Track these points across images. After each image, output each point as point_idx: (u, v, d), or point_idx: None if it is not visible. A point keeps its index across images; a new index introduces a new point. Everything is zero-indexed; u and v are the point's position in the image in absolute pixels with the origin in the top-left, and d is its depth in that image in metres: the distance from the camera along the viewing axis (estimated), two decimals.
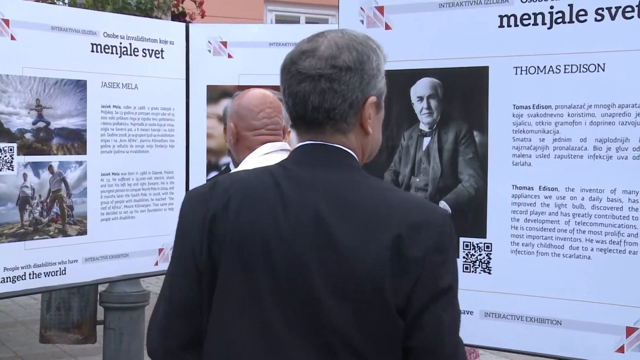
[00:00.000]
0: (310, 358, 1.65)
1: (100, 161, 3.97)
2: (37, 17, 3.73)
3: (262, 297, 1.68)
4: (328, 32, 1.79)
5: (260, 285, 1.68)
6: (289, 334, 1.66)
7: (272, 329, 1.67)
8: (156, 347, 1.84)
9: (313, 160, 1.76)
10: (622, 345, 2.58)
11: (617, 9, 2.55)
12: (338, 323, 1.63)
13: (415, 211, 1.69)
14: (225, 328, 1.73)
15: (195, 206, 1.80)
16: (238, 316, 1.71)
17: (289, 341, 1.66)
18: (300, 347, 1.65)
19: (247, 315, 1.70)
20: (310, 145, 1.77)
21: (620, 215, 2.58)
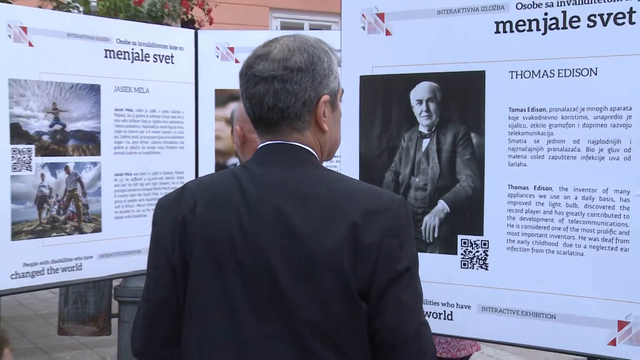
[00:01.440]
0: (279, 346, 1.67)
1: (114, 162, 3.99)
2: (53, 24, 3.75)
3: (231, 290, 1.71)
4: (281, 37, 1.83)
5: (228, 279, 1.71)
6: (258, 324, 1.68)
7: (241, 320, 1.70)
8: (140, 347, 1.87)
9: (272, 159, 1.79)
10: (614, 338, 2.57)
11: (609, 16, 2.54)
12: (304, 310, 1.65)
13: (369, 199, 1.72)
14: (198, 323, 1.76)
15: (167, 212, 1.83)
16: (210, 310, 1.74)
17: (257, 331, 1.69)
18: (269, 336, 1.68)
19: (217, 309, 1.72)
20: (269, 145, 1.81)
21: (612, 213, 2.58)
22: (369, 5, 2.99)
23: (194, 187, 1.84)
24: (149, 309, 1.84)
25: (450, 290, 2.84)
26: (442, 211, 2.88)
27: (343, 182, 1.79)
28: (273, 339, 1.68)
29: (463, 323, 2.84)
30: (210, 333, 1.75)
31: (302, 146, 1.80)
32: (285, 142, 1.80)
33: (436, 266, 2.84)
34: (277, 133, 1.80)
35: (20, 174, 3.58)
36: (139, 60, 4.07)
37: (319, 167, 1.81)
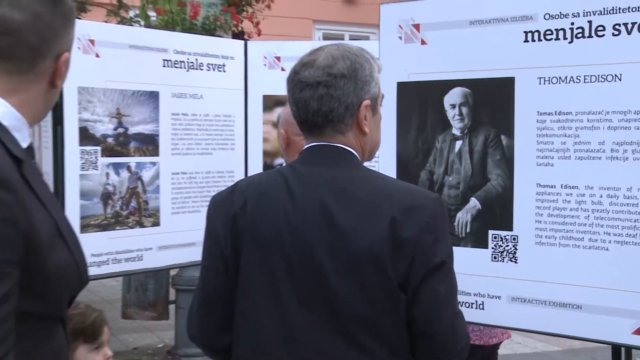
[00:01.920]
0: (324, 334, 1.67)
1: (171, 162, 4.03)
2: (118, 37, 3.81)
3: (278, 281, 1.71)
4: (326, 46, 1.83)
5: (276, 271, 1.72)
6: (303, 313, 1.69)
7: (288, 310, 1.70)
8: (195, 332, 1.88)
9: (316, 159, 1.79)
10: (638, 328, 2.54)
11: (633, 25, 2.52)
12: (346, 300, 1.65)
13: (407, 197, 1.71)
14: (248, 311, 1.77)
15: (219, 209, 1.84)
16: (258, 300, 1.74)
17: (303, 320, 1.69)
18: (315, 325, 1.68)
19: (266, 298, 1.73)
20: (314, 146, 1.81)
21: (636, 211, 2.55)
22: (405, 16, 2.99)
23: (244, 186, 1.85)
24: (203, 297, 1.85)
25: (482, 282, 2.83)
26: (474, 208, 2.86)
27: (382, 181, 1.79)
28: (318, 327, 1.68)
29: (493, 312, 2.82)
30: (259, 322, 1.75)
31: (345, 147, 1.79)
32: (329, 143, 1.79)
33: (468, 259, 2.82)
34: (321, 135, 1.79)
35: (87, 173, 3.64)
36: (194, 69, 4.10)
37: (360, 167, 1.80)
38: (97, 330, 2.38)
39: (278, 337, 1.72)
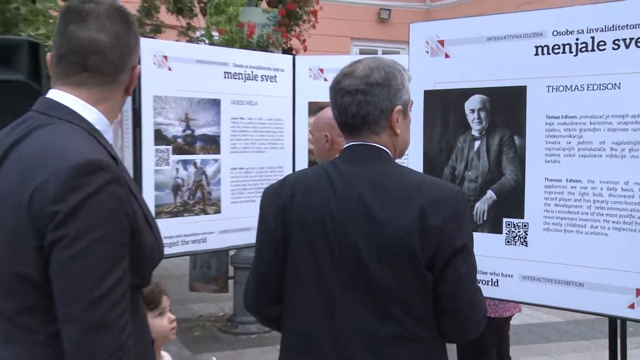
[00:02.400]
0: (362, 310, 1.67)
1: (230, 159, 4.07)
2: (186, 53, 3.87)
3: (321, 263, 1.71)
4: (364, 59, 1.83)
5: (320, 255, 1.71)
6: (343, 289, 1.68)
7: (330, 288, 1.70)
8: (251, 303, 1.89)
9: (355, 156, 1.78)
10: (633, 302, 2.53)
11: (631, 40, 2.50)
12: (381, 280, 1.65)
13: (434, 190, 1.70)
14: (296, 290, 1.77)
15: (271, 199, 1.83)
16: (305, 279, 1.74)
17: (344, 297, 1.69)
18: (354, 301, 1.68)
19: (311, 278, 1.73)
20: (353, 145, 1.80)
21: (632, 201, 2.53)
22: (431, 34, 2.99)
23: (292, 180, 1.85)
24: (257, 275, 1.85)
25: (496, 263, 2.82)
26: (490, 199, 2.85)
27: (412, 176, 1.78)
28: (357, 303, 1.68)
29: (506, 289, 2.82)
30: (305, 298, 1.75)
31: (379, 146, 1.78)
32: (366, 143, 1.78)
33: (485, 243, 2.80)
34: (359, 135, 1.79)
35: (161, 168, 3.70)
36: (250, 80, 4.14)
37: (392, 163, 1.79)
38: (157, 298, 2.39)
39: (322, 311, 1.71)
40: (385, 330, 1.66)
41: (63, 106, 1.50)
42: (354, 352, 1.68)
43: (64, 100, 1.51)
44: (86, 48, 1.50)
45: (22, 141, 1.45)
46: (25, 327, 1.43)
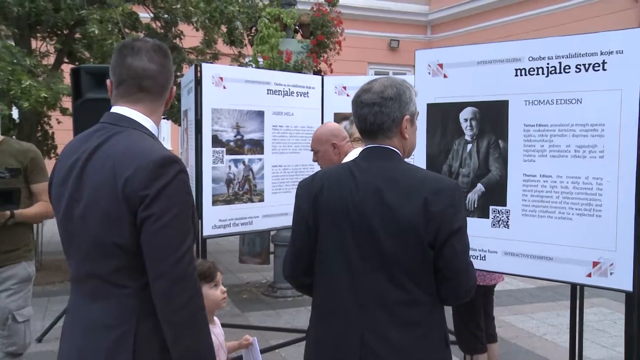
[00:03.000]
0: (377, 278, 1.68)
1: (272, 158, 4.14)
2: (237, 74, 3.90)
3: (345, 242, 1.71)
4: (379, 78, 1.84)
5: (344, 234, 1.72)
6: (361, 261, 1.69)
7: (352, 260, 1.70)
8: (288, 273, 1.88)
9: (372, 156, 1.78)
10: (590, 272, 2.58)
11: (589, 65, 2.53)
12: (393, 253, 1.66)
13: (435, 182, 1.69)
14: (325, 262, 1.77)
15: (304, 190, 1.83)
16: (331, 254, 1.74)
17: (363, 267, 1.69)
18: (371, 270, 1.68)
19: (336, 253, 1.73)
20: (370, 147, 1.80)
21: (591, 193, 2.57)
22: (432, 59, 3.01)
23: (321, 175, 1.83)
24: (293, 251, 1.85)
25: (484, 241, 2.84)
26: (480, 190, 2.87)
27: (418, 171, 1.76)
28: (373, 271, 1.68)
29: (492, 262, 2.85)
30: (331, 268, 1.74)
31: (391, 148, 1.78)
32: (381, 145, 1.78)
33: (475, 226, 2.82)
34: (375, 139, 1.78)
35: (216, 166, 3.79)
36: (287, 95, 4.16)
37: (402, 161, 1.79)
38: (213, 274, 2.38)
39: (345, 278, 1.71)
40: (395, 294, 1.66)
41: (128, 118, 1.62)
42: (370, 310, 1.67)
43: (127, 113, 1.63)
44: (141, 74, 1.63)
45: (104, 144, 1.56)
46: (118, 284, 1.53)
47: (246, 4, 7.30)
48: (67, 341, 1.63)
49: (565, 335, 4.17)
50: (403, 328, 1.66)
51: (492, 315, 3.49)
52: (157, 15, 7.19)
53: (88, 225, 1.54)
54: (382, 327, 1.66)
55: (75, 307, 1.63)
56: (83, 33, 6.26)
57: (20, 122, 6.76)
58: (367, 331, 1.67)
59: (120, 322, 1.52)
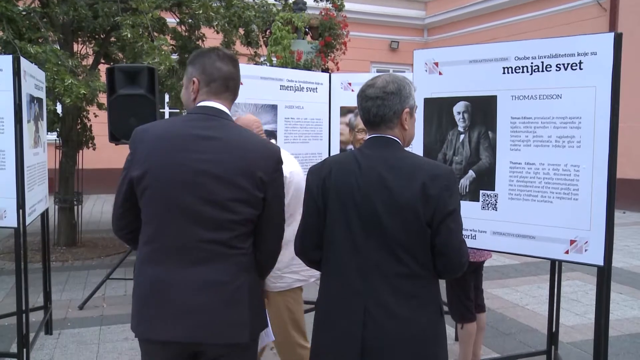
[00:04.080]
0: (378, 252, 1.68)
1: (284, 148, 3.85)
2: (253, 72, 3.84)
3: (350, 220, 1.71)
4: (382, 74, 1.83)
5: (350, 214, 1.71)
6: (366, 239, 1.69)
7: (356, 236, 1.71)
8: (299, 249, 1.88)
9: (375, 144, 1.78)
10: (567, 249, 2.59)
11: (568, 65, 2.53)
12: (392, 230, 1.66)
13: (432, 168, 1.69)
14: (331, 238, 1.77)
15: (314, 175, 1.82)
16: (338, 231, 1.74)
17: (366, 243, 1.70)
18: (373, 246, 1.69)
19: (343, 230, 1.73)
20: (374, 137, 1.79)
21: (569, 178, 2.58)
22: (429, 58, 3.00)
23: (330, 161, 1.84)
24: (304, 228, 1.85)
25: (475, 222, 2.85)
26: (471, 176, 2.87)
27: (416, 159, 1.76)
28: (376, 247, 1.68)
29: (482, 241, 2.87)
30: (338, 243, 1.74)
31: (393, 138, 1.77)
32: (383, 135, 1.77)
33: (467, 208, 2.71)
34: (378, 130, 1.78)
35: None
36: (298, 91, 4.11)
37: (402, 149, 1.79)
38: None
39: (350, 251, 1.71)
40: (394, 267, 1.66)
41: (223, 112, 1.77)
42: (372, 281, 1.68)
43: (221, 107, 1.77)
44: (228, 76, 1.79)
45: (221, 130, 1.71)
46: (234, 246, 1.68)
47: (261, 9, 7.31)
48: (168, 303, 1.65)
49: (544, 305, 4.19)
50: (402, 298, 1.67)
51: (481, 288, 3.50)
52: (182, 20, 7.23)
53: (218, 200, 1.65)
54: (383, 296, 1.67)
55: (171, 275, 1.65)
56: (117, 37, 6.39)
57: (63, 116, 6.86)
58: (370, 300, 1.68)
59: (236, 278, 1.69)
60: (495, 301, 5.14)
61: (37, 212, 3.68)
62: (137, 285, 1.72)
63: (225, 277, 1.67)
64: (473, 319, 3.33)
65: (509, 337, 4.28)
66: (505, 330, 4.42)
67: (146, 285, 1.69)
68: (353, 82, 4.35)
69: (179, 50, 7.16)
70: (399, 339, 1.66)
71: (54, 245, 6.67)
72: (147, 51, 5.50)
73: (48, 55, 5.31)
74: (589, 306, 4.89)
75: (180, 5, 6.84)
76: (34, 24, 6.02)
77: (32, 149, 3.54)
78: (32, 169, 3.52)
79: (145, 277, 1.70)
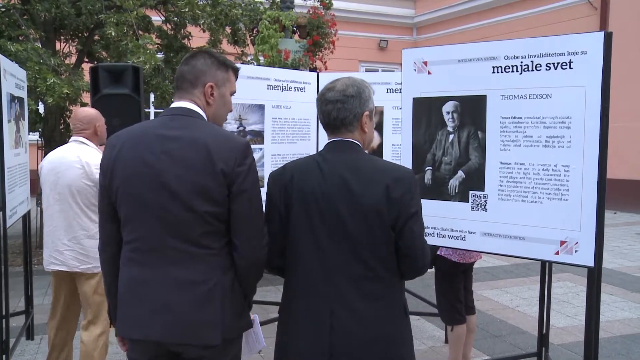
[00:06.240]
0: (343, 256, 1.70)
1: (271, 148, 4.08)
2: (241, 72, 3.82)
3: (314, 225, 1.72)
4: (341, 78, 1.84)
5: (313, 220, 1.72)
6: (330, 243, 1.71)
7: (321, 242, 1.71)
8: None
9: (336, 148, 1.79)
10: (557, 250, 2.60)
11: (558, 64, 2.53)
12: (356, 234, 1.68)
13: (394, 171, 1.72)
14: (295, 244, 1.76)
15: (275, 181, 1.81)
16: (302, 236, 1.74)
17: (331, 248, 1.71)
18: (339, 251, 1.70)
19: (306, 235, 1.74)
20: (334, 140, 1.81)
21: (559, 179, 2.58)
22: (418, 57, 3.00)
23: (290, 166, 1.82)
24: (267, 236, 1.81)
25: (465, 223, 2.85)
26: (461, 177, 2.87)
27: (377, 162, 1.78)
28: (341, 251, 1.70)
29: (471, 242, 2.86)
30: (303, 249, 1.74)
31: (353, 141, 1.79)
32: (343, 138, 1.79)
33: (456, 209, 2.84)
34: (338, 133, 1.79)
35: None
36: (286, 90, 4.07)
37: (363, 152, 1.79)
38: None
39: (315, 256, 1.72)
40: (359, 270, 1.68)
41: (190, 110, 1.75)
42: (338, 284, 1.69)
43: (188, 106, 1.76)
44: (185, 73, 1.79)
45: (186, 129, 1.68)
46: (205, 246, 1.65)
47: (248, 7, 7.29)
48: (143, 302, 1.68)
49: (535, 306, 4.21)
50: (367, 300, 1.69)
51: (470, 290, 3.51)
52: (168, 18, 7.19)
53: (181, 197, 1.63)
54: (348, 299, 1.69)
55: (146, 275, 1.69)
56: (101, 35, 6.34)
57: (46, 116, 6.79)
58: (336, 303, 1.70)
59: (208, 278, 1.65)
60: (486, 303, 5.16)
61: (18, 214, 3.63)
62: (119, 285, 1.76)
63: (198, 277, 1.65)
64: (463, 321, 3.34)
65: (499, 339, 4.29)
66: (495, 332, 4.43)
67: (125, 284, 1.73)
68: None
69: (164, 49, 7.11)
70: (366, 341, 1.68)
71: (35, 248, 6.57)
72: (132, 50, 5.45)
73: (29, 54, 5.25)
74: (580, 307, 4.92)
75: (166, 3, 6.81)
76: (14, 21, 5.94)
77: (13, 149, 3.49)
78: (13, 170, 3.47)
79: (124, 276, 1.74)
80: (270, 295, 5.38)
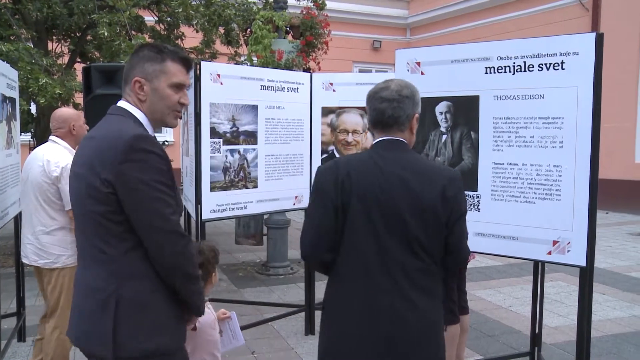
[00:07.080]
0: (401, 250, 1.74)
1: (265, 148, 4.04)
2: (234, 72, 3.80)
3: (374, 220, 1.76)
4: (393, 79, 1.89)
5: (372, 216, 1.75)
6: (389, 239, 1.75)
7: (379, 236, 1.75)
8: (309, 252, 1.86)
9: (390, 147, 1.82)
10: (550, 250, 2.62)
11: (551, 64, 2.56)
12: (415, 231, 1.73)
13: (448, 171, 1.81)
14: (354, 239, 1.79)
15: (327, 175, 1.82)
16: (361, 232, 1.77)
17: (388, 241, 1.75)
18: (395, 244, 1.74)
19: (366, 230, 1.77)
20: (387, 139, 1.84)
21: (552, 179, 2.60)
22: (411, 57, 3.02)
23: (344, 161, 1.84)
24: (317, 230, 1.83)
25: None
26: None
27: (428, 162, 1.85)
28: (397, 245, 1.74)
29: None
30: (360, 243, 1.77)
31: (403, 140, 1.83)
32: (394, 137, 1.82)
33: None
34: (390, 132, 1.83)
35: (214, 155, 3.70)
36: (279, 91, 4.07)
37: (413, 152, 1.86)
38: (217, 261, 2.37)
39: (374, 253, 1.76)
40: (414, 263, 1.74)
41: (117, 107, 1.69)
42: (395, 275, 1.75)
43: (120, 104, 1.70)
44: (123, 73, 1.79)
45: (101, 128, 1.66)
46: (104, 251, 1.54)
47: (242, 8, 7.27)
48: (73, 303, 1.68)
49: (527, 306, 4.22)
50: (420, 291, 1.76)
51: (464, 290, 3.50)
52: (161, 18, 7.16)
53: (81, 197, 1.58)
54: (404, 290, 1.75)
55: (77, 274, 1.69)
56: (94, 35, 6.30)
57: (38, 116, 6.74)
58: (393, 293, 1.75)
59: (106, 286, 1.53)
60: (479, 303, 5.17)
61: (9, 215, 3.60)
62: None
63: (98, 284, 1.55)
64: (456, 320, 3.33)
65: (492, 338, 4.30)
66: (488, 332, 4.44)
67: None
68: (335, 82, 4.32)
69: None
70: (419, 328, 1.77)
71: None
72: (125, 50, 5.43)
73: (20, 54, 5.22)
74: (572, 307, 4.94)
75: (159, 3, 6.78)
76: (5, 20, 5.90)
77: (4, 150, 3.46)
78: (4, 171, 3.44)
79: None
80: (262, 295, 5.37)
